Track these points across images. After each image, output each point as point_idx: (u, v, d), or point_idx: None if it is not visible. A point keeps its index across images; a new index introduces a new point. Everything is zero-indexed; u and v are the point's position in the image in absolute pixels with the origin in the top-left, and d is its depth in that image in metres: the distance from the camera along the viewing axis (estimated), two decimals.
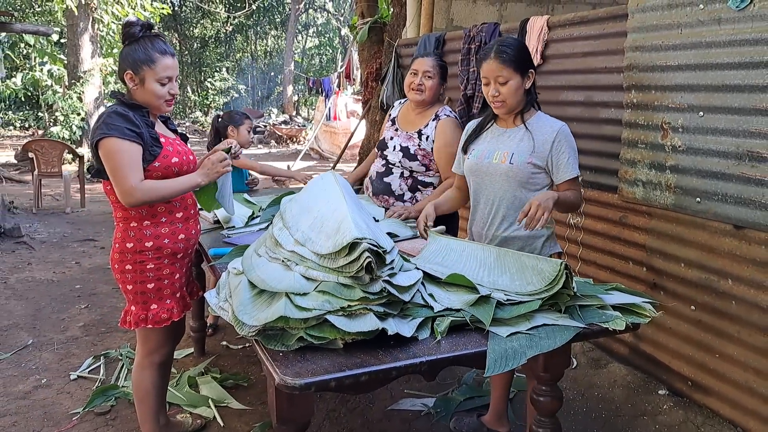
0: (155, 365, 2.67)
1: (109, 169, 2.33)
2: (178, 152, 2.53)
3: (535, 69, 2.59)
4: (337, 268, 1.84)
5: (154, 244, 2.49)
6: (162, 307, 2.55)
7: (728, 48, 2.83)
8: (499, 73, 2.48)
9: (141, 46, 2.42)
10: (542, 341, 1.76)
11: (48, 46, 15.26)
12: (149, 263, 2.50)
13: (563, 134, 2.52)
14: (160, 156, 2.43)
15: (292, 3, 25.99)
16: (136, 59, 2.41)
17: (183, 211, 2.58)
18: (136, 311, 2.55)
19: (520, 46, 2.55)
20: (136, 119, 2.37)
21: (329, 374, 1.58)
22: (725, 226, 2.92)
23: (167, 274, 2.55)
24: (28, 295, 5.06)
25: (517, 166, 2.52)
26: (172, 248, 2.53)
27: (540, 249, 2.62)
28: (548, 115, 2.62)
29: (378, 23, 7.78)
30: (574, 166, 2.52)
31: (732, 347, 2.93)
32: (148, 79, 2.42)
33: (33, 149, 8.65)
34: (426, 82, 3.30)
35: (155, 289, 2.53)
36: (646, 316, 1.92)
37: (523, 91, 2.54)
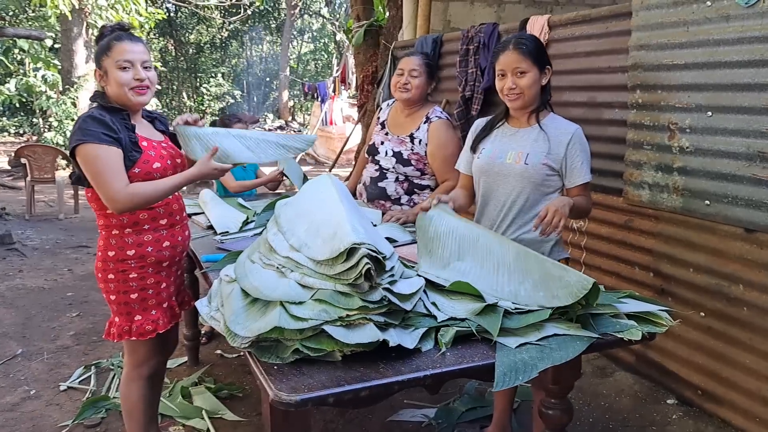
0: (143, 378, 2.55)
1: (90, 176, 2.22)
2: (162, 156, 2.39)
3: (552, 66, 2.49)
4: (335, 275, 1.74)
5: (137, 253, 2.37)
6: (146, 318, 2.43)
7: (737, 46, 2.75)
8: (517, 64, 2.38)
9: (104, 39, 2.34)
10: (554, 353, 1.65)
11: (42, 52, 15.12)
12: (132, 272, 2.38)
13: (578, 137, 2.43)
14: (140, 161, 2.30)
15: (288, 8, 25.94)
16: (98, 53, 2.34)
17: (167, 217, 2.44)
18: (119, 322, 2.43)
19: (538, 42, 2.49)
20: (113, 123, 2.25)
21: (327, 389, 1.47)
22: (735, 230, 2.83)
23: (152, 283, 2.43)
24: (18, 303, 4.94)
25: (532, 167, 2.42)
26: (156, 257, 2.41)
27: (548, 253, 2.51)
28: (562, 117, 2.53)
29: (374, 26, 7.72)
30: (587, 171, 2.44)
31: (744, 355, 2.83)
32: (110, 69, 2.29)
33: (26, 155, 8.54)
34: (412, 80, 3.22)
35: (139, 299, 2.42)
36: (662, 325, 1.82)
37: (539, 87, 2.45)
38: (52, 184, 8.80)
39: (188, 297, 2.75)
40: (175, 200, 2.50)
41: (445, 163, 3.19)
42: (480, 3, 6.23)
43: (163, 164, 2.37)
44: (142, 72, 2.32)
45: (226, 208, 3.48)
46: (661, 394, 3.28)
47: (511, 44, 2.41)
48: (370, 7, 7.93)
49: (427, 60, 3.30)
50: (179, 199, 2.55)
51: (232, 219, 3.27)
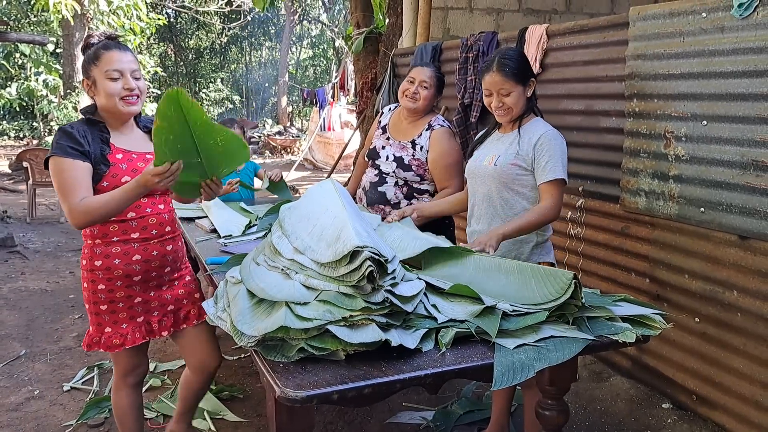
0: (129, 386, 2.54)
1: (56, 189, 2.22)
2: (135, 170, 2.29)
3: (536, 77, 2.65)
4: (338, 277, 1.79)
5: (104, 264, 2.32)
6: (116, 331, 2.38)
7: (732, 56, 2.80)
8: (502, 86, 2.57)
9: (91, 49, 2.30)
10: (551, 354, 1.71)
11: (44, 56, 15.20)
12: (100, 284, 2.33)
13: (546, 137, 2.57)
14: (108, 175, 2.25)
15: (287, 15, 26.06)
16: (85, 62, 2.30)
17: (140, 231, 2.35)
18: (91, 332, 2.42)
19: (520, 57, 2.62)
20: (83, 136, 2.22)
21: (331, 386, 1.52)
22: (730, 237, 2.88)
23: (121, 297, 2.36)
24: (21, 305, 4.98)
25: (500, 168, 2.61)
26: (123, 270, 2.33)
27: (528, 255, 2.67)
28: (545, 122, 2.66)
29: (373, 33, 7.79)
30: (553, 169, 2.53)
31: (738, 360, 2.88)
32: (98, 79, 2.25)
33: (28, 158, 8.58)
34: (421, 91, 3.26)
35: (108, 311, 2.37)
36: (656, 328, 1.88)
37: (525, 99, 2.62)
38: (53, 188, 8.83)
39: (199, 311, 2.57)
40: (154, 214, 2.40)
41: (446, 171, 3.24)
42: (479, 11, 6.30)
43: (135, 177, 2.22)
44: (132, 81, 2.28)
45: (229, 212, 3.54)
46: (656, 398, 3.32)
47: (494, 65, 2.56)
48: (369, 14, 7.99)
49: (439, 74, 3.35)
50: (162, 213, 2.43)
51: (235, 222, 3.32)
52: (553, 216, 2.55)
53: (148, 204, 2.38)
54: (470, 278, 2.08)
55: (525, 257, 2.65)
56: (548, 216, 2.54)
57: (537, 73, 3.95)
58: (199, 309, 2.56)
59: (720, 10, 2.84)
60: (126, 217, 2.31)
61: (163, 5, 21.30)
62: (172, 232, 2.48)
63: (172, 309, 2.51)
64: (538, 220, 2.52)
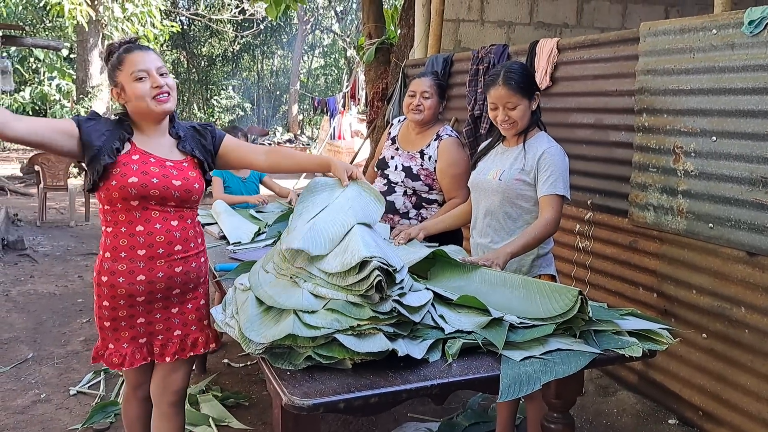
0: (139, 399, 2.50)
1: None
2: (146, 173, 2.17)
3: (540, 90, 2.69)
4: (347, 286, 1.80)
5: (108, 281, 2.21)
6: (117, 349, 2.28)
7: (742, 73, 2.81)
8: (508, 99, 2.59)
9: (113, 57, 2.25)
10: (557, 366, 1.71)
11: (57, 61, 15.36)
12: (104, 300, 2.24)
13: (550, 153, 2.59)
14: (118, 174, 2.14)
15: (299, 24, 26.21)
16: (110, 70, 2.26)
17: (146, 248, 2.20)
18: (97, 345, 2.34)
19: (525, 71, 2.67)
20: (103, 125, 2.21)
21: (338, 395, 1.53)
22: (738, 253, 2.88)
23: (124, 315, 2.24)
24: (29, 308, 5.02)
25: (505, 182, 2.63)
26: (127, 289, 2.20)
27: (529, 267, 2.68)
28: (550, 137, 2.68)
29: (385, 44, 7.83)
30: (553, 184, 2.55)
31: (745, 377, 2.87)
32: (126, 84, 2.19)
33: (39, 162, 8.65)
34: (424, 102, 3.28)
35: (111, 328, 2.26)
36: (662, 343, 1.88)
37: (530, 113, 2.65)
38: (64, 192, 8.90)
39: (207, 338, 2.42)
40: (164, 231, 2.23)
41: (454, 181, 3.26)
42: (490, 24, 6.34)
43: (144, 180, 2.16)
44: (160, 79, 2.20)
45: (238, 219, 3.56)
46: (662, 414, 3.31)
47: (500, 79, 2.59)
48: (381, 25, 8.04)
49: (438, 80, 3.37)
50: (174, 230, 2.26)
51: (245, 230, 3.34)
52: (553, 230, 2.58)
53: (159, 219, 2.22)
54: (475, 291, 2.09)
55: (526, 269, 2.67)
56: (550, 230, 2.56)
57: (547, 86, 3.97)
58: (208, 336, 2.42)
59: (730, 27, 2.85)
60: (135, 231, 2.19)
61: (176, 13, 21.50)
62: (183, 252, 2.28)
63: (179, 334, 2.33)
64: (541, 235, 2.54)
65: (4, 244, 6.79)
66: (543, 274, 2.68)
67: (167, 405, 2.39)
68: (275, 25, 26.25)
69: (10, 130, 2.00)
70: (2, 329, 4.53)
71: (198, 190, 2.31)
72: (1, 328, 4.54)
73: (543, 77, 3.99)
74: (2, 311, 4.92)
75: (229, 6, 22.03)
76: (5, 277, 5.91)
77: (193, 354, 2.39)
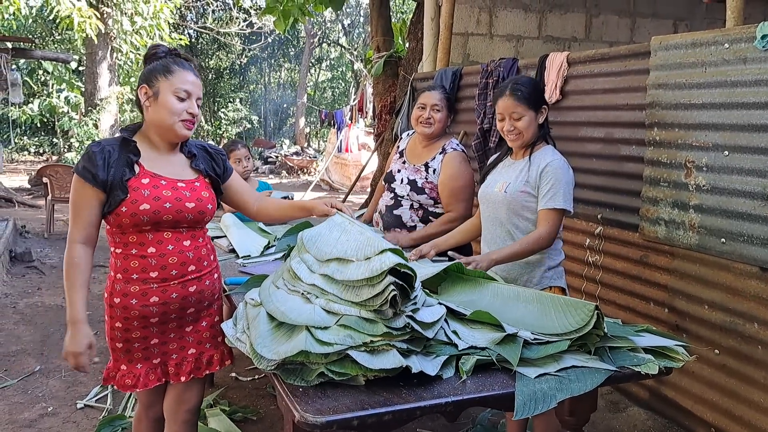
0: (151, 420, 2.45)
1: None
2: (158, 198, 2.12)
3: (548, 105, 2.73)
4: (360, 302, 1.79)
5: (121, 302, 2.18)
6: (130, 370, 2.23)
7: (754, 87, 2.80)
8: (513, 109, 2.64)
9: (161, 61, 2.20)
10: (572, 384, 1.69)
11: (66, 74, 15.46)
12: (117, 321, 2.20)
13: (553, 166, 2.60)
14: (128, 201, 2.09)
15: (307, 37, 26.34)
16: (152, 71, 2.18)
17: (159, 270, 2.17)
18: (109, 365, 2.30)
19: (534, 84, 2.71)
20: (105, 159, 2.09)
21: (351, 412, 1.52)
22: (751, 268, 2.85)
23: (137, 337, 2.20)
24: (36, 321, 5.01)
25: (510, 195, 2.66)
26: (140, 311, 2.17)
27: (539, 278, 2.69)
28: (556, 150, 2.70)
29: (393, 57, 7.86)
30: (553, 198, 2.57)
31: (758, 393, 2.83)
32: (163, 92, 2.13)
33: (48, 174, 8.68)
34: (435, 115, 3.30)
35: (123, 350, 2.23)
36: (678, 360, 1.85)
37: (536, 126, 2.67)
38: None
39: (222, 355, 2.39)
40: (176, 252, 2.20)
41: (453, 194, 3.25)
42: (499, 38, 6.35)
43: (157, 207, 2.12)
44: (196, 107, 2.19)
45: (247, 232, 3.55)
46: (674, 430, 3.27)
47: (507, 90, 2.65)
48: (389, 38, 8.07)
49: (447, 94, 3.39)
50: (187, 251, 2.23)
51: (254, 243, 3.33)
52: (546, 244, 2.59)
53: (171, 240, 2.19)
54: (488, 306, 2.07)
55: (536, 280, 2.67)
56: (541, 244, 2.58)
57: (557, 100, 3.96)
58: (222, 354, 2.38)
59: (743, 41, 2.84)
60: (146, 253, 2.15)
61: (185, 26, 21.64)
62: (196, 272, 2.25)
63: (194, 353, 2.30)
64: (531, 248, 2.57)
65: (12, 256, 6.80)
66: (553, 287, 2.68)
67: (181, 423, 2.36)
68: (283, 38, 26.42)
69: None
70: (10, 342, 4.52)
71: (211, 211, 2.28)
72: (9, 341, 4.54)
73: (553, 91, 3.98)
74: (10, 323, 4.91)
75: (237, 19, 22.17)
76: (13, 289, 5.91)
77: (209, 372, 2.36)
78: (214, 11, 23.38)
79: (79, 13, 10.51)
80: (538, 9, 6.46)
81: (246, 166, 4.15)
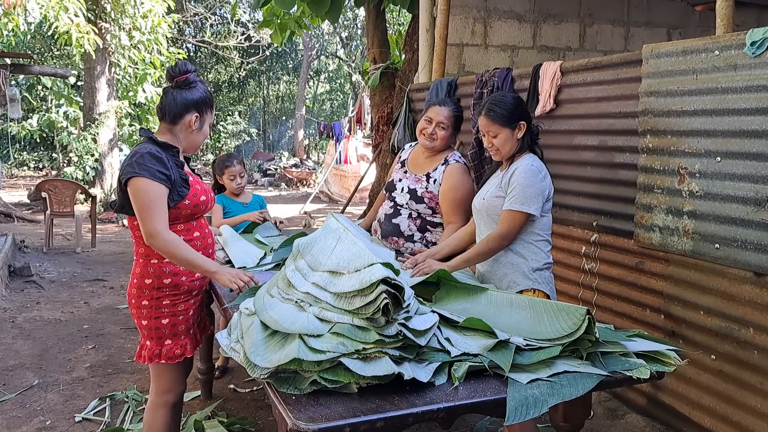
0: (169, 405, 2.64)
1: (137, 207, 2.39)
2: (205, 191, 2.63)
3: (529, 119, 2.80)
4: (353, 309, 1.80)
5: (173, 282, 2.54)
6: (176, 343, 2.58)
7: (745, 94, 2.82)
8: (488, 128, 2.76)
9: (201, 89, 2.58)
10: (564, 389, 1.71)
11: (65, 89, 15.50)
12: (165, 299, 2.53)
13: (519, 170, 2.68)
14: (190, 194, 2.52)
15: (305, 49, 26.44)
16: (205, 103, 2.57)
17: (202, 250, 2.60)
18: (150, 346, 2.56)
19: (508, 103, 2.78)
20: (168, 161, 2.45)
21: (344, 419, 1.53)
22: (745, 273, 2.86)
23: (182, 310, 2.58)
24: (35, 335, 5.01)
25: (487, 201, 2.78)
26: (188, 286, 2.58)
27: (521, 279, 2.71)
28: (534, 157, 2.77)
29: (390, 69, 7.91)
30: (511, 200, 2.66)
31: (754, 398, 2.84)
32: (206, 123, 2.58)
33: (46, 189, 8.70)
34: (439, 132, 3.32)
35: (170, 324, 2.55)
36: (670, 365, 1.87)
37: (515, 140, 2.76)
38: (70, 218, 8.94)
39: (207, 323, 2.89)
40: (210, 235, 2.72)
41: (453, 205, 3.27)
42: (494, 48, 6.39)
43: (207, 197, 2.60)
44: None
45: (244, 243, 3.56)
46: None
47: (484, 109, 2.78)
48: (386, 50, 8.12)
49: (457, 112, 3.38)
50: (209, 236, 2.72)
51: (250, 254, 3.34)
52: (497, 245, 2.68)
53: (205, 225, 2.70)
54: (481, 313, 2.09)
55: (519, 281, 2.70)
56: (492, 245, 2.68)
57: (551, 109, 3.98)
58: (206, 322, 2.88)
59: (733, 48, 2.87)
60: (192, 236, 2.58)
61: (183, 40, 21.74)
62: (213, 254, 2.78)
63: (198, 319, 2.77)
64: (483, 250, 2.71)
65: (11, 271, 6.81)
66: (537, 290, 2.69)
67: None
68: (281, 51, 26.51)
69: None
70: (8, 356, 4.52)
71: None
72: (7, 355, 4.54)
73: (547, 100, 4.01)
74: (8, 338, 4.92)
75: (235, 33, 22.27)
76: (12, 303, 5.92)
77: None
78: (212, 25, 23.49)
79: (78, 28, 10.56)
80: (532, 19, 6.50)
81: (240, 183, 4.17)
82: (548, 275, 2.78)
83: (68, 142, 13.55)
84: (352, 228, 2.28)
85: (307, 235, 2.35)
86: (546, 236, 2.78)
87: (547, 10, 6.54)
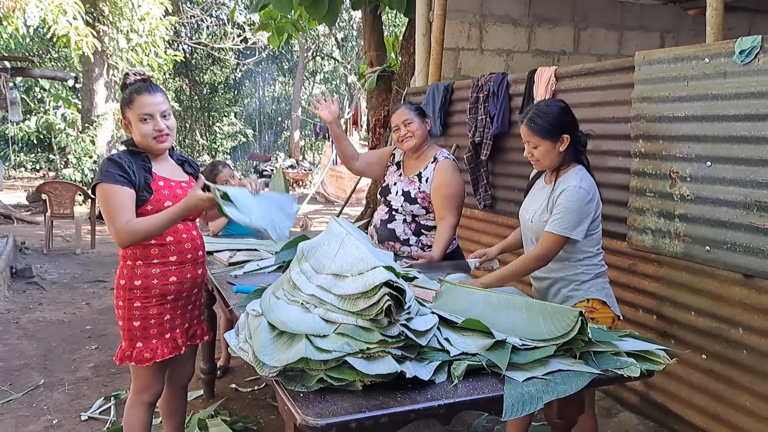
0: (144, 404, 2.69)
1: (103, 212, 2.46)
2: (176, 195, 2.57)
3: (573, 131, 2.64)
4: (357, 311, 1.88)
5: (143, 284, 2.56)
6: (146, 346, 2.59)
7: (734, 100, 2.91)
8: (528, 138, 2.66)
9: (126, 91, 2.56)
10: (558, 386, 1.79)
11: (63, 91, 15.54)
12: (136, 302, 2.56)
13: (567, 192, 2.58)
14: (152, 200, 2.51)
15: (300, 51, 26.48)
16: (121, 104, 2.58)
17: (177, 255, 2.62)
18: (123, 347, 2.62)
19: (552, 114, 2.62)
20: (129, 165, 2.48)
21: (350, 415, 1.61)
22: (735, 275, 2.95)
23: (154, 314, 2.59)
24: (39, 335, 5.08)
25: (535, 224, 2.70)
26: (160, 290, 2.58)
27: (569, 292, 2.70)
28: (581, 174, 2.64)
29: (386, 72, 7.99)
30: (558, 223, 2.56)
31: (744, 397, 2.93)
32: (133, 121, 2.52)
33: (46, 191, 8.75)
34: (409, 127, 3.41)
35: (141, 327, 2.58)
36: (660, 363, 1.95)
37: (556, 153, 2.64)
38: (70, 220, 8.99)
39: (203, 331, 2.87)
40: (189, 240, 2.67)
41: (444, 201, 3.34)
42: (489, 52, 6.48)
43: (176, 203, 2.52)
44: (161, 122, 2.53)
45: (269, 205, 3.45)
46: None
47: (525, 118, 2.65)
48: (382, 53, 8.20)
49: (412, 105, 3.52)
50: (195, 239, 2.71)
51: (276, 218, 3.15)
52: (533, 266, 2.64)
53: (185, 230, 2.64)
54: (480, 314, 2.16)
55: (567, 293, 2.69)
56: (528, 266, 2.64)
57: None
58: (202, 330, 2.86)
59: (722, 56, 2.96)
60: (165, 241, 2.57)
61: (179, 42, 21.77)
62: (202, 257, 2.76)
63: (187, 327, 2.76)
64: (519, 270, 2.64)
65: (13, 272, 6.87)
66: (591, 299, 2.68)
67: (177, 388, 2.91)
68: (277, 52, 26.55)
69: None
70: (13, 356, 4.59)
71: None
72: (12, 355, 4.61)
73: None
74: (13, 338, 4.98)
75: (231, 35, 22.31)
76: (15, 304, 5.98)
77: (191, 344, 2.79)
78: (208, 27, 23.56)
79: (76, 31, 10.62)
80: (527, 24, 6.59)
81: (233, 185, 4.25)
82: (601, 282, 2.74)
83: (66, 143, 13.59)
84: (354, 232, 2.36)
85: (309, 239, 2.42)
86: (596, 251, 2.72)
87: (542, 15, 6.64)
